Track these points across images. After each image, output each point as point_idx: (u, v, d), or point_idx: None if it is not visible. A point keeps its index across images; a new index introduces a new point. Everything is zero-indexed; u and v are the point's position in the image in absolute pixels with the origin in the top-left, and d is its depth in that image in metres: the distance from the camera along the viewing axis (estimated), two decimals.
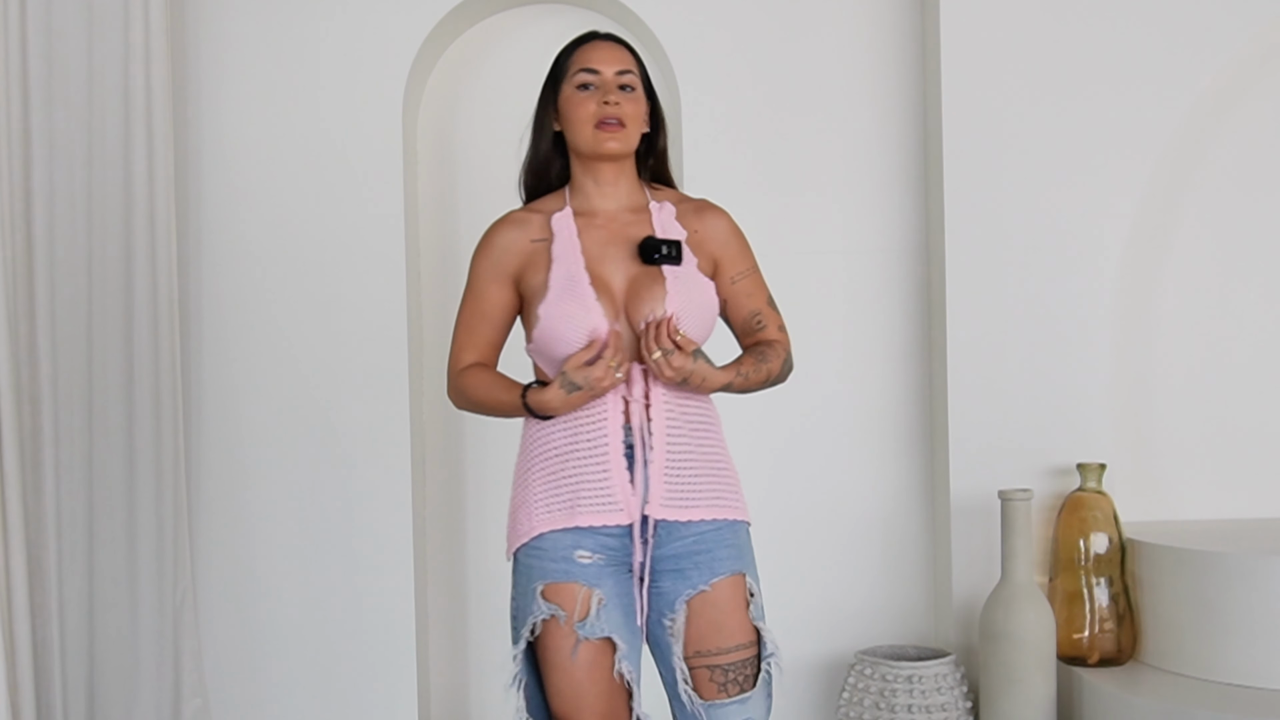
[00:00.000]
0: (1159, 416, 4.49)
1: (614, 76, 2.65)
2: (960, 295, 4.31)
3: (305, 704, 4.49)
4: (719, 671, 2.58)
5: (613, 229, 2.70)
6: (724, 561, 2.61)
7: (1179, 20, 4.28)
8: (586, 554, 2.60)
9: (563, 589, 2.60)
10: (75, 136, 4.19)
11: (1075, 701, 3.99)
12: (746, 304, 2.74)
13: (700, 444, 2.65)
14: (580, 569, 2.60)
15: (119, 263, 4.26)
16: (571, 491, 2.62)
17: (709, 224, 2.73)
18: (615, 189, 2.72)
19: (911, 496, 4.54)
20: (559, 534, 2.62)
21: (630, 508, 2.60)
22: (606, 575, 2.61)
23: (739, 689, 2.58)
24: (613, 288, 2.64)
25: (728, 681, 2.58)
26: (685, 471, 2.61)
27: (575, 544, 2.60)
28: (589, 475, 2.60)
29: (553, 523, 2.63)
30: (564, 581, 2.60)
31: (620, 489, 2.59)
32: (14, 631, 3.84)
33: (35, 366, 4.04)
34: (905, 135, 4.53)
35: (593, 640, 2.59)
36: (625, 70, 2.66)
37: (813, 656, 4.46)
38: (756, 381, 2.70)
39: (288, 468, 4.50)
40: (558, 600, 2.60)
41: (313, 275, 4.50)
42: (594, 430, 2.61)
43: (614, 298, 2.63)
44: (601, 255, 2.67)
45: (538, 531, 2.64)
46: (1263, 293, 4.49)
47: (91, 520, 4.23)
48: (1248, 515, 4.46)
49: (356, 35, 4.49)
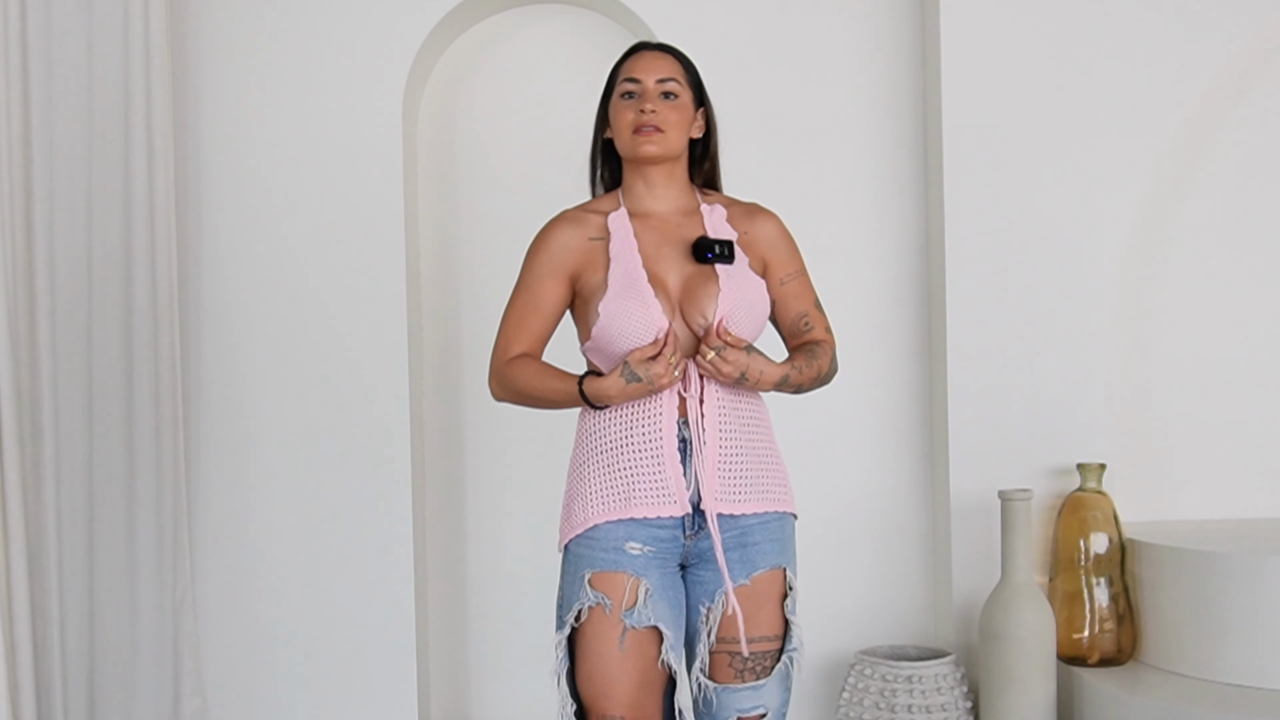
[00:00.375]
0: (1159, 417, 4.52)
1: (655, 85, 2.73)
2: (960, 296, 4.33)
3: (305, 703, 4.51)
4: (739, 659, 2.63)
5: (666, 229, 2.76)
6: (766, 556, 2.67)
7: (1178, 21, 4.31)
8: (637, 545, 2.65)
9: (611, 578, 2.65)
10: (75, 137, 4.22)
11: (1075, 701, 4.00)
12: (795, 305, 2.81)
13: (751, 439, 2.71)
14: (629, 559, 2.65)
15: (119, 263, 4.27)
16: (626, 484, 2.67)
17: (759, 226, 2.79)
18: (666, 191, 2.79)
19: (912, 496, 4.56)
20: (612, 525, 2.67)
21: (684, 500, 2.65)
22: (654, 567, 2.66)
23: (755, 676, 2.63)
24: (668, 286, 2.70)
25: (745, 669, 2.63)
26: (736, 465, 2.67)
27: (628, 535, 2.65)
28: (644, 468, 2.66)
29: (607, 514, 2.68)
30: (612, 571, 2.66)
31: (675, 481, 2.65)
32: (14, 632, 3.87)
33: (35, 366, 4.07)
34: (906, 139, 4.56)
35: (638, 629, 2.63)
36: (667, 78, 2.74)
37: (813, 656, 4.35)
38: (809, 378, 2.76)
39: (288, 467, 4.52)
40: (605, 589, 2.65)
41: (313, 275, 4.51)
42: (649, 424, 2.67)
43: (670, 296, 2.69)
44: (657, 255, 2.73)
45: (592, 523, 2.69)
46: (1264, 294, 4.53)
47: (91, 520, 4.25)
48: (1248, 515, 4.49)
49: (356, 35, 4.51)
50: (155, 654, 4.32)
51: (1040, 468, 4.28)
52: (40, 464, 4.06)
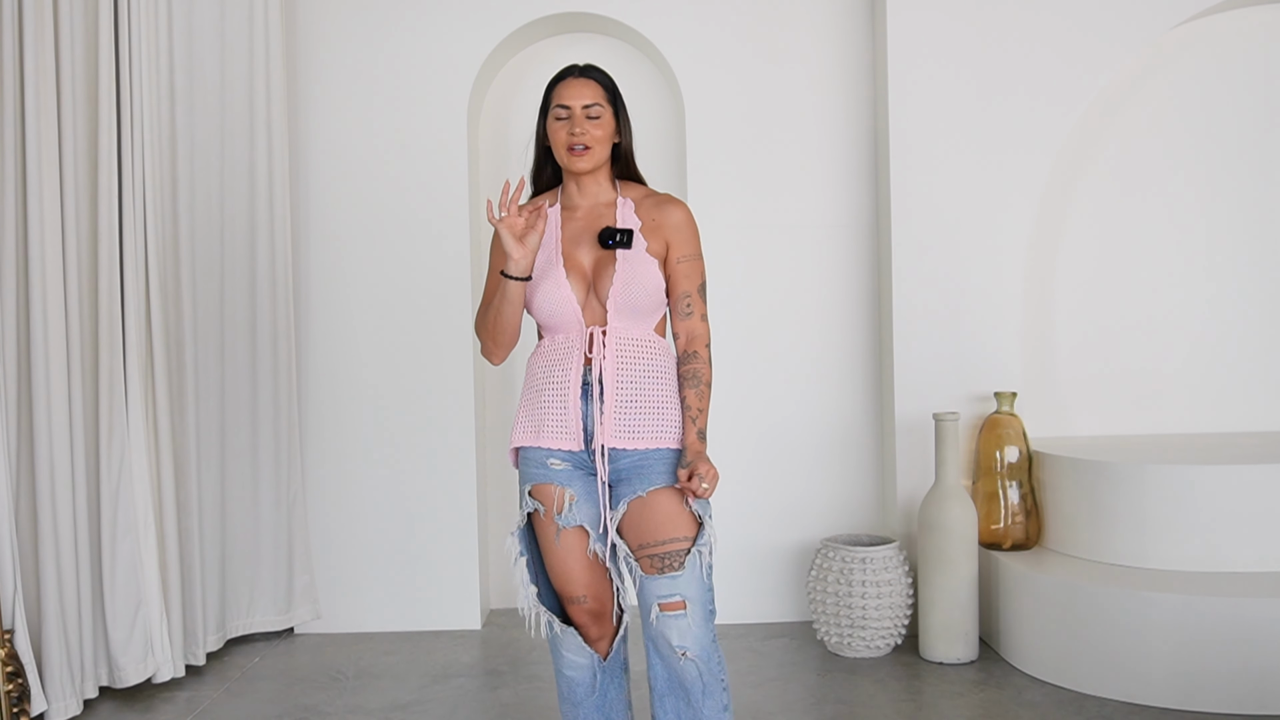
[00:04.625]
0: (1059, 354, 4.63)
1: (581, 110, 2.69)
2: (903, 260, 4.43)
3: (389, 580, 4.64)
4: (656, 558, 2.60)
5: (588, 220, 2.75)
6: (660, 477, 2.64)
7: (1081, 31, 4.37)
8: (558, 461, 2.68)
9: (544, 489, 2.69)
10: (210, 135, 4.36)
11: (993, 578, 4.14)
12: (682, 284, 2.74)
13: (647, 387, 2.67)
14: (555, 473, 2.68)
15: (244, 235, 4.41)
16: (540, 417, 2.70)
17: (666, 214, 2.74)
18: (591, 189, 2.76)
19: (865, 417, 4.66)
20: (533, 449, 2.71)
21: (579, 438, 2.66)
22: (577, 479, 2.69)
23: (670, 569, 2.59)
24: (583, 267, 2.71)
25: (663, 566, 2.59)
26: (631, 409, 2.65)
27: (548, 454, 2.69)
28: (553, 407, 2.68)
29: (525, 440, 2.73)
30: (544, 483, 2.70)
31: (575, 422, 2.66)
32: (164, 523, 4.06)
33: (179, 316, 4.17)
34: (859, 137, 4.61)
35: (569, 528, 2.68)
36: (591, 103, 2.70)
37: (785, 543, 4.63)
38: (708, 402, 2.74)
39: (375, 394, 4.64)
40: (540, 497, 2.70)
41: (396, 245, 4.63)
42: (562, 372, 2.68)
43: (583, 274, 2.70)
44: (578, 240, 2.73)
45: (516, 444, 2.76)
46: (1143, 257, 4.63)
47: (223, 435, 4.41)
48: (1128, 433, 4.62)
49: (432, 53, 4.61)
50: (273, 540, 4.49)
51: (965, 394, 4.37)
52: (183, 392, 4.17)
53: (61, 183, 3.68)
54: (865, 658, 4.08)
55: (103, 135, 3.82)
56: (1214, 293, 4.59)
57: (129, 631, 3.79)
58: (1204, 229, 4.59)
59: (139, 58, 3.94)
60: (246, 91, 4.35)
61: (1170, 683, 3.51)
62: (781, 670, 4.01)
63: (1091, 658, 3.64)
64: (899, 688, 3.80)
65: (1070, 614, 3.70)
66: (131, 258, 3.90)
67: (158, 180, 4.00)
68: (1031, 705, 3.59)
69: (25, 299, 3.60)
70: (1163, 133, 4.57)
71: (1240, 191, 4.57)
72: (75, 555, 3.65)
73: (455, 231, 4.58)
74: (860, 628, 4.03)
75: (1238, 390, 4.57)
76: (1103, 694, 3.61)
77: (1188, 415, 4.59)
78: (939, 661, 4.00)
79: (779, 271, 4.57)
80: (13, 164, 3.55)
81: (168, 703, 3.85)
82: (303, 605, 4.50)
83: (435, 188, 4.57)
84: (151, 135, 3.96)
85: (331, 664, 4.21)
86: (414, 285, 4.59)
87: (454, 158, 4.58)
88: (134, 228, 3.91)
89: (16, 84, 3.57)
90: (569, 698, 2.82)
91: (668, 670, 2.64)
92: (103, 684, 3.81)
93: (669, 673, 2.64)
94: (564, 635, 2.75)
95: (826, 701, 3.69)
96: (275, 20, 4.37)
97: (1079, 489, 3.96)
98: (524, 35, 4.67)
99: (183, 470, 4.14)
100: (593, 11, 4.55)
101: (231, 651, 4.38)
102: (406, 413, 4.60)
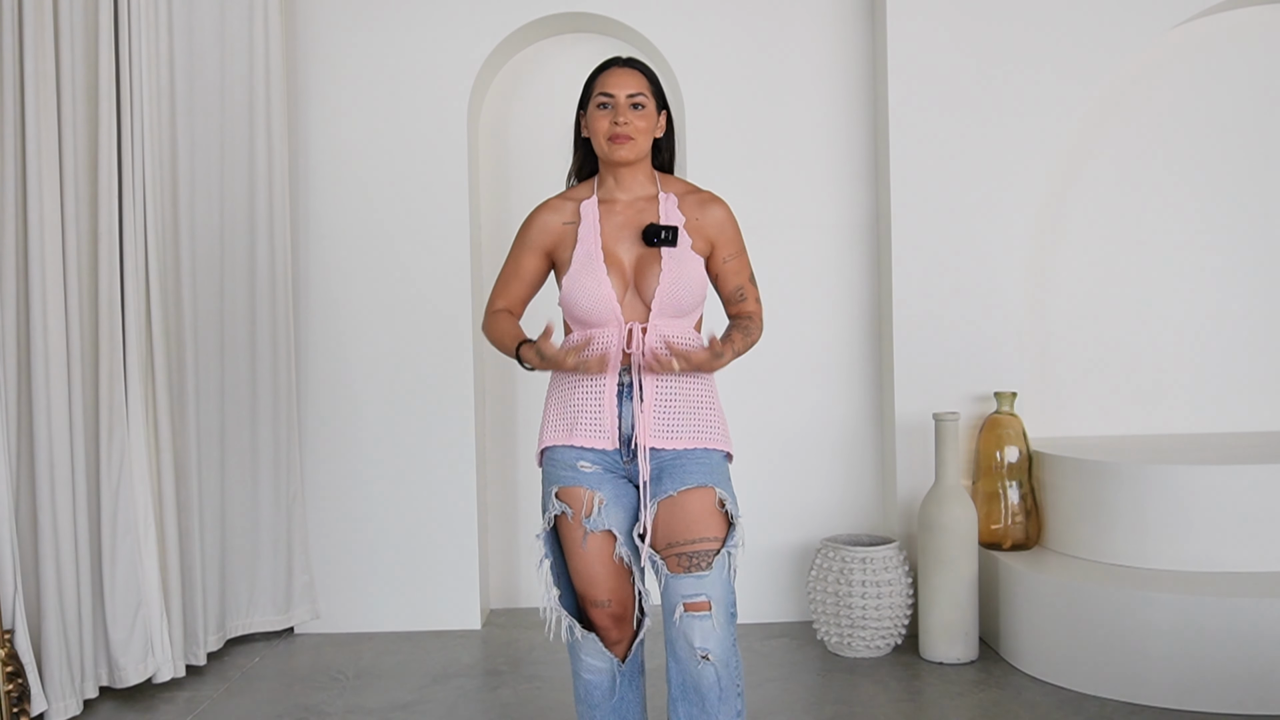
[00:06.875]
0: (1059, 355, 4.62)
1: (625, 99, 2.67)
2: (903, 262, 4.42)
3: (389, 580, 4.64)
4: (684, 557, 2.58)
5: (627, 215, 2.72)
6: (694, 475, 2.62)
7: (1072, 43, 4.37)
8: (588, 464, 2.65)
9: (572, 492, 2.66)
10: (210, 135, 4.35)
11: (993, 578, 4.13)
12: (733, 279, 2.77)
13: (686, 388, 2.67)
14: (584, 476, 2.65)
15: (244, 233, 4.39)
16: (573, 416, 2.67)
17: (708, 213, 2.74)
18: (631, 183, 2.73)
19: (866, 417, 4.65)
20: (564, 448, 2.68)
21: (614, 437, 2.64)
22: (606, 481, 2.66)
23: (697, 569, 2.57)
24: (623, 263, 2.67)
25: (690, 565, 2.57)
26: (669, 409, 2.64)
27: (578, 456, 2.65)
28: (588, 406, 2.65)
29: (557, 439, 2.69)
30: (573, 486, 2.66)
31: (610, 421, 2.64)
32: (163, 522, 4.04)
33: (179, 315, 4.16)
34: (860, 137, 4.61)
35: (596, 532, 2.65)
36: (636, 93, 2.68)
37: (785, 543, 4.63)
38: (746, 348, 2.72)
39: (376, 394, 4.63)
40: (568, 500, 2.66)
41: (396, 245, 4.63)
42: None
43: (624, 271, 2.67)
44: (617, 237, 2.69)
45: (546, 444, 2.72)
46: (1139, 261, 4.62)
47: (223, 435, 4.40)
48: (1127, 433, 4.61)
49: (432, 53, 4.61)
50: (272, 540, 4.48)
51: (966, 395, 4.36)
52: (184, 392, 4.16)
53: (61, 183, 3.66)
54: (865, 658, 4.08)
55: (103, 135, 3.80)
56: (1214, 293, 4.58)
57: (129, 631, 3.79)
58: (1204, 229, 4.58)
59: (139, 58, 3.92)
60: (246, 91, 4.34)
61: (1170, 683, 3.50)
62: (781, 670, 4.01)
63: (1091, 658, 3.64)
64: (899, 688, 3.80)
65: (1070, 614, 3.69)
66: (131, 258, 3.89)
67: (157, 180, 4.00)
68: (1031, 705, 3.58)
69: (25, 299, 3.58)
70: (1163, 133, 4.57)
71: (1240, 192, 4.57)
72: (75, 555, 3.64)
73: (455, 231, 4.58)
74: (860, 628, 4.03)
75: (1238, 390, 4.57)
76: (1103, 694, 3.61)
77: (1188, 415, 4.58)
78: (939, 661, 4.00)
79: (779, 272, 4.56)
80: (13, 164, 3.53)
81: (168, 703, 3.85)
82: (302, 605, 4.50)
83: (435, 188, 4.57)
84: (151, 135, 3.96)
85: (331, 664, 4.21)
86: (414, 285, 4.59)
87: (454, 158, 4.58)
88: (134, 228, 3.89)
89: (16, 84, 3.55)
90: (586, 699, 2.81)
91: (683, 675, 2.62)
92: (103, 684, 3.80)
93: (684, 678, 2.62)
94: (584, 640, 2.74)
95: (826, 702, 3.68)
96: (275, 21, 4.37)
97: (1079, 489, 3.95)
98: (524, 35, 4.68)
99: (183, 470, 4.13)
100: (593, 11, 4.56)
101: (231, 651, 4.38)
102: (406, 412, 4.59)
